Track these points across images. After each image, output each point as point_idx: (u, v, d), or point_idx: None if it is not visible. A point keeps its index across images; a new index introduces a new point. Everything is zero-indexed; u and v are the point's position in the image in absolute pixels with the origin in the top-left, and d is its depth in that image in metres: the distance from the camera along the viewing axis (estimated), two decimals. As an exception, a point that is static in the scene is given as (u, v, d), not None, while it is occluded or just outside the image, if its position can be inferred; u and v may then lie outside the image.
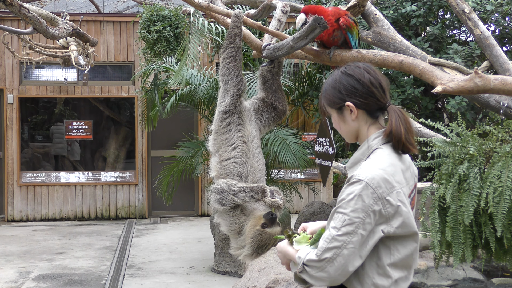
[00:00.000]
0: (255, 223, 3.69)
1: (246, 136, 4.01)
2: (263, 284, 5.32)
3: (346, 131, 2.90)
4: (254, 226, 3.69)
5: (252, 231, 3.68)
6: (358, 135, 2.88)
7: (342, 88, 2.83)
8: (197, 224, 13.71)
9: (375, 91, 2.79)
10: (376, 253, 2.70)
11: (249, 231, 3.71)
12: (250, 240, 3.69)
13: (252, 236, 3.68)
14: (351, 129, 2.87)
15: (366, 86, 2.80)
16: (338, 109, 2.87)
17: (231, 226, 3.82)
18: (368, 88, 2.79)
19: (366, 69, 2.84)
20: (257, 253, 3.70)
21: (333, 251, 2.62)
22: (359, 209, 2.62)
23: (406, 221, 2.69)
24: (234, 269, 9.24)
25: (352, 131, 2.88)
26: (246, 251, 3.74)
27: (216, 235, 9.42)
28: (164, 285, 8.81)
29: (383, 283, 2.70)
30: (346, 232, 2.61)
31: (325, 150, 5.28)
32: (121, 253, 10.86)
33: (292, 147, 9.00)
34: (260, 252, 3.71)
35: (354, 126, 2.86)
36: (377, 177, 2.65)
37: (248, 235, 3.70)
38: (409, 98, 8.19)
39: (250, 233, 3.70)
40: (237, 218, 3.79)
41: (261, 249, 3.68)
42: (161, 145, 14.68)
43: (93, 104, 14.84)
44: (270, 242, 3.67)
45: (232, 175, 3.90)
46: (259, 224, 3.67)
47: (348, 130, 2.88)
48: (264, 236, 3.65)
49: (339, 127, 2.92)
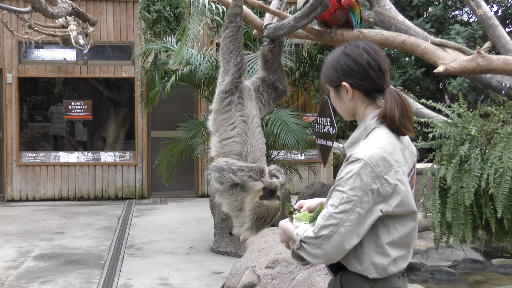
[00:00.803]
0: (254, 196, 3.72)
1: (246, 115, 4.01)
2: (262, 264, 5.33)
3: (343, 109, 2.90)
4: (253, 198, 3.72)
5: (251, 203, 3.71)
6: (355, 114, 2.88)
7: (339, 67, 2.82)
8: (197, 205, 13.73)
9: (371, 73, 2.77)
10: (374, 232, 2.71)
11: (248, 203, 3.74)
12: (249, 213, 3.71)
13: (251, 208, 3.70)
14: (347, 108, 2.87)
15: (362, 67, 2.78)
16: (335, 88, 2.87)
17: (232, 204, 3.84)
18: (365, 69, 2.78)
19: (366, 49, 2.81)
20: (257, 226, 3.72)
21: (330, 229, 2.62)
22: (357, 188, 2.62)
23: (404, 199, 2.69)
24: (233, 249, 9.26)
25: (348, 110, 2.88)
26: (246, 224, 3.76)
27: (216, 215, 9.44)
28: (164, 265, 8.84)
29: (382, 262, 2.71)
30: (344, 210, 2.62)
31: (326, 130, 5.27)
32: (121, 233, 10.88)
33: (292, 128, 8.98)
34: (260, 226, 3.72)
35: (350, 105, 2.86)
36: (375, 156, 2.65)
37: (248, 208, 3.73)
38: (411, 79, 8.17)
39: (249, 205, 3.72)
40: (237, 195, 3.80)
41: (260, 221, 3.70)
42: (161, 125, 14.67)
43: (92, 84, 14.81)
44: (268, 215, 3.69)
45: (232, 154, 3.90)
46: (258, 196, 3.69)
47: (345, 109, 2.89)
48: (262, 208, 3.67)
49: (336, 105, 2.93)
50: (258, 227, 3.74)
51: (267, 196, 3.69)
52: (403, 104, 2.75)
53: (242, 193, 3.80)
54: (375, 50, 2.82)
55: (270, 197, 3.69)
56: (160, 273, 8.41)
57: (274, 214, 3.72)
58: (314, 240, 2.66)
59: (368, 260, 2.71)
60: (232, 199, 3.85)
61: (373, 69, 2.78)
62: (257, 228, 3.74)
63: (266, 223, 3.74)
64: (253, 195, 3.74)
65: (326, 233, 2.63)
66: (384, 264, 2.71)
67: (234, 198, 3.84)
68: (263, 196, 3.69)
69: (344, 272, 2.80)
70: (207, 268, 8.70)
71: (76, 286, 7.82)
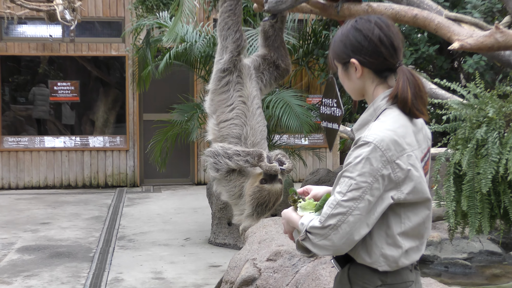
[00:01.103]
0: (254, 180, 3.72)
1: (246, 96, 4.00)
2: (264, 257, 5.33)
3: (351, 88, 2.88)
4: (253, 183, 3.72)
5: (251, 188, 3.71)
6: (364, 94, 2.86)
7: (349, 43, 2.80)
8: (193, 193, 13.74)
9: (383, 50, 2.75)
10: (385, 222, 2.70)
11: (248, 188, 3.74)
12: (249, 198, 3.71)
13: (251, 193, 3.70)
14: (355, 86, 2.86)
15: (373, 43, 2.76)
16: (343, 64, 2.85)
17: (231, 191, 3.84)
18: (376, 46, 2.76)
19: (378, 24, 2.79)
20: (258, 212, 3.73)
21: (337, 218, 2.61)
22: (367, 173, 2.61)
23: (417, 186, 2.68)
24: (232, 241, 9.28)
25: (357, 89, 2.86)
26: (246, 211, 3.76)
27: (214, 204, 9.45)
28: (158, 257, 8.86)
29: (393, 254, 2.70)
30: (352, 197, 2.61)
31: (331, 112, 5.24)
32: (111, 223, 10.90)
33: (295, 110, 8.97)
34: (261, 212, 3.73)
35: (359, 84, 2.84)
36: (386, 139, 2.63)
37: (248, 193, 3.73)
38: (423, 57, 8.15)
39: (249, 190, 3.72)
40: (235, 180, 3.81)
41: (261, 207, 3.71)
42: (153, 107, 14.66)
43: (80, 63, 14.78)
44: (270, 200, 3.69)
45: (231, 137, 3.90)
46: (258, 180, 3.69)
47: (353, 87, 2.87)
48: (263, 193, 3.67)
49: (343, 83, 2.91)
50: (260, 213, 3.75)
51: (268, 180, 3.69)
52: (417, 85, 2.74)
53: (240, 178, 3.80)
54: (388, 25, 2.80)
55: (271, 181, 3.69)
56: (154, 267, 8.43)
57: (276, 198, 3.72)
58: (320, 230, 2.65)
59: (378, 252, 2.70)
60: (230, 185, 3.85)
61: (384, 46, 2.76)
62: (258, 214, 3.75)
63: (267, 209, 3.75)
64: (253, 179, 3.74)
65: (334, 222, 2.62)
66: (395, 256, 2.71)
67: (232, 185, 3.84)
68: (264, 180, 3.69)
69: (352, 264, 2.79)
70: (204, 261, 8.71)
71: (63, 280, 7.83)
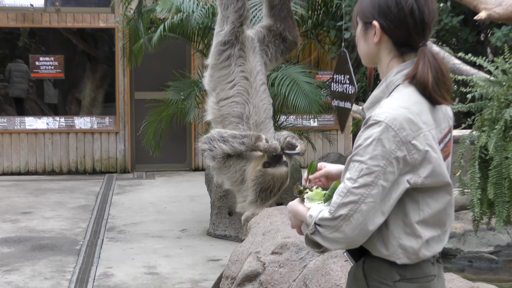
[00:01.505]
0: (256, 163, 3.73)
1: (249, 71, 4.00)
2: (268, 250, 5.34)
3: (364, 51, 2.88)
4: (255, 166, 3.73)
5: (254, 172, 3.71)
6: (378, 63, 2.86)
7: (377, 3, 2.79)
8: (190, 180, 13.76)
9: (410, 23, 2.74)
10: (402, 209, 2.70)
11: (250, 172, 3.74)
12: (252, 183, 3.72)
13: (253, 178, 3.71)
14: (369, 51, 2.85)
15: (402, 12, 2.74)
16: (364, 24, 2.84)
17: (232, 177, 3.85)
18: (404, 16, 2.74)
19: None
20: (261, 198, 3.74)
21: (349, 207, 2.61)
22: (379, 156, 2.60)
23: (436, 169, 2.68)
24: (233, 232, 9.29)
25: (371, 54, 2.86)
26: (249, 197, 3.77)
27: (213, 192, 9.45)
28: (151, 250, 8.88)
29: (412, 245, 2.70)
30: (364, 183, 2.60)
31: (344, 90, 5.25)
32: (99, 213, 10.92)
33: (304, 88, 8.95)
34: (265, 198, 3.74)
35: (374, 50, 2.84)
36: (399, 117, 2.62)
37: (250, 178, 3.73)
38: (446, 29, 8.12)
39: (251, 175, 3.73)
40: (235, 165, 3.81)
41: (265, 193, 3.71)
42: (146, 85, 14.65)
43: (64, 36, 14.75)
44: (275, 185, 3.70)
45: (231, 116, 3.90)
46: (261, 163, 3.69)
47: (367, 51, 2.87)
48: (266, 178, 3.67)
49: (358, 43, 2.90)
50: (264, 199, 3.75)
51: (271, 163, 3.69)
52: (439, 69, 2.71)
53: (240, 161, 3.81)
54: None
55: (275, 164, 3.69)
56: (146, 261, 8.45)
57: (282, 183, 3.73)
58: (331, 221, 2.64)
59: (396, 243, 2.70)
60: (231, 172, 3.86)
61: (413, 19, 2.74)
62: (262, 200, 3.75)
63: (272, 194, 3.75)
64: (255, 162, 3.74)
65: (345, 212, 2.61)
66: (415, 247, 2.70)
67: (232, 170, 3.85)
68: (267, 163, 3.69)
69: (367, 257, 2.79)
70: (202, 254, 8.73)
71: (46, 275, 7.86)
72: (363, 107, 2.98)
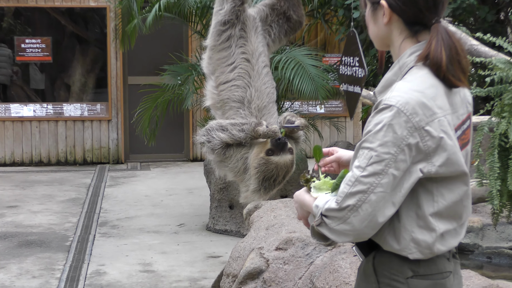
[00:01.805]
0: (259, 150, 3.74)
1: (250, 52, 4.00)
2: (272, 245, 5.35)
3: (374, 34, 2.89)
4: (258, 153, 3.74)
5: (256, 159, 3.72)
6: (390, 45, 2.86)
7: None
8: (188, 171, 13.77)
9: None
10: (415, 200, 2.70)
11: (253, 160, 3.75)
12: (255, 171, 3.73)
13: (256, 166, 3.72)
14: (380, 33, 2.86)
15: None
16: (372, 4, 2.85)
17: (235, 167, 3.86)
18: None
19: None
20: (265, 187, 3.75)
21: (357, 197, 2.61)
22: (390, 143, 2.60)
23: (452, 157, 2.68)
24: (235, 227, 9.30)
25: (381, 36, 2.86)
26: (251, 186, 3.78)
27: (212, 184, 9.46)
28: (146, 246, 8.89)
29: (425, 238, 2.70)
30: (374, 172, 2.61)
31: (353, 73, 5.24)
32: (91, 207, 10.93)
33: (309, 72, 8.94)
34: (268, 187, 3.75)
35: (384, 31, 2.84)
36: (412, 101, 2.62)
37: (252, 165, 3.75)
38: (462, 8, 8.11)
39: (254, 163, 3.74)
40: (236, 153, 3.83)
41: (268, 182, 3.72)
42: (141, 69, 14.64)
43: (52, 16, 14.74)
44: (279, 174, 3.71)
45: (232, 101, 3.91)
46: (264, 151, 3.70)
47: (377, 33, 2.87)
48: (269, 166, 3.68)
49: (368, 26, 2.91)
50: (267, 188, 3.77)
51: (275, 150, 3.70)
52: (453, 47, 2.71)
53: (241, 149, 3.81)
54: None
55: (279, 151, 3.70)
56: (142, 257, 8.46)
57: (286, 171, 3.73)
58: (338, 212, 2.65)
59: (408, 236, 2.70)
60: (232, 162, 3.87)
61: None
62: (265, 189, 3.77)
63: (276, 183, 3.76)
64: (257, 149, 3.75)
65: (353, 202, 2.62)
66: (429, 241, 2.70)
67: (234, 160, 3.86)
68: (270, 151, 3.70)
69: (377, 252, 2.79)
70: (201, 250, 8.74)
71: (34, 274, 7.87)
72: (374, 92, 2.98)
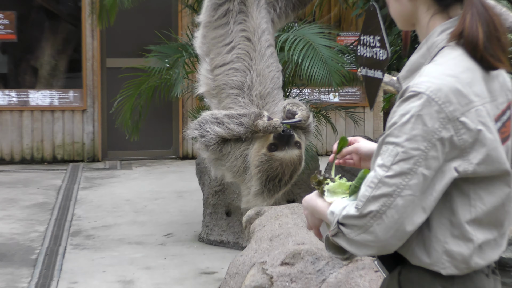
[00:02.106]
0: (260, 145, 3.74)
1: (251, 30, 4.00)
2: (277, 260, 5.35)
3: (397, 12, 2.90)
4: (259, 149, 3.74)
5: (257, 156, 3.73)
6: (415, 23, 2.87)
7: None
8: (177, 171, 13.80)
9: None
10: (448, 205, 2.70)
11: (253, 157, 3.76)
12: (257, 170, 3.73)
13: (257, 163, 3.72)
14: (403, 10, 2.87)
15: None
16: None
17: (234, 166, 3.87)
18: None
19: None
20: (269, 189, 3.75)
21: (381, 201, 2.61)
22: (419, 137, 2.60)
23: (491, 153, 2.68)
24: (232, 237, 9.30)
25: (405, 14, 2.87)
26: (253, 188, 3.78)
27: (206, 186, 9.47)
28: (127, 260, 8.89)
29: (461, 250, 2.70)
30: (400, 171, 2.60)
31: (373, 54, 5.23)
32: (61, 213, 10.94)
33: (321, 53, 8.95)
34: (273, 189, 3.75)
35: (408, 8, 2.85)
36: (445, 88, 2.62)
37: (253, 163, 3.75)
38: (503, -23, 8.12)
39: (254, 160, 3.74)
40: (234, 150, 3.84)
41: (272, 182, 3.73)
42: (121, 50, 14.67)
43: (16, -14, 14.79)
44: (284, 173, 3.71)
45: (229, 87, 3.91)
46: (266, 146, 3.70)
47: (400, 11, 2.89)
48: (273, 164, 3.69)
49: (389, 4, 2.92)
50: (271, 190, 3.77)
51: (279, 145, 3.69)
52: (491, 22, 2.72)
53: (240, 145, 3.82)
54: None
55: (283, 145, 3.70)
56: (122, 274, 8.48)
57: (293, 169, 3.73)
58: (358, 220, 2.64)
59: (440, 248, 2.70)
60: (231, 160, 3.88)
61: None
62: (269, 192, 3.77)
63: (282, 184, 3.77)
64: (259, 144, 3.76)
65: (376, 208, 2.61)
66: (465, 253, 2.70)
67: (232, 158, 3.87)
68: (273, 146, 3.70)
69: (404, 267, 2.80)
70: (193, 265, 8.76)
71: (-6, 293, 7.89)
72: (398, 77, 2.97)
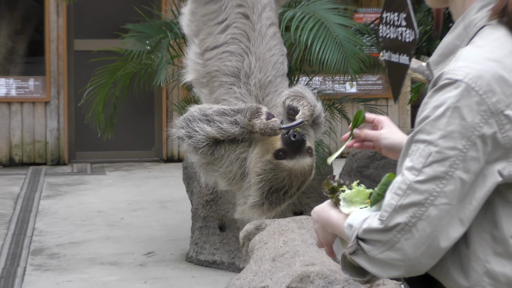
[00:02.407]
0: (265, 150, 3.73)
1: (250, 5, 4.00)
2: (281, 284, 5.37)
3: None
4: (262, 154, 3.73)
5: (260, 163, 3.72)
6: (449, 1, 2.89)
7: None
8: (160, 176, 13.83)
9: None
10: (490, 216, 2.69)
11: (254, 163, 3.75)
12: (258, 178, 3.72)
13: (259, 171, 3.72)
14: None
15: None
16: None
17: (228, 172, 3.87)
18: None
19: None
20: (271, 202, 3.75)
21: (410, 212, 2.60)
22: (456, 133, 2.59)
23: (542, 154, 2.68)
24: (227, 257, 9.31)
25: None
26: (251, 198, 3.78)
27: (195, 195, 9.48)
28: (99, 284, 8.91)
29: (505, 271, 2.69)
30: (434, 175, 2.59)
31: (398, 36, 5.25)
32: (20, 227, 10.96)
33: (335, 34, 8.97)
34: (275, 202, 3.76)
35: None
36: (486, 75, 2.62)
37: (254, 170, 3.74)
38: None
39: (256, 167, 3.73)
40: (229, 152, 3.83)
41: (275, 195, 3.73)
42: (92, 30, 14.71)
43: (-35, -47, 14.84)
44: (292, 185, 3.71)
45: (223, 75, 3.91)
46: (272, 151, 3.69)
47: None
48: (280, 174, 3.68)
49: None
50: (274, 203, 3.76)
51: (288, 152, 3.69)
52: None
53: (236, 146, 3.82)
54: None
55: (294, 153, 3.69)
56: (93, 300, 8.50)
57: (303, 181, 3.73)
58: (382, 234, 2.64)
59: (481, 268, 2.69)
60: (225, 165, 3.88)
61: None
62: (271, 204, 3.76)
63: (287, 196, 3.76)
64: (262, 148, 3.75)
65: (405, 220, 2.60)
66: (510, 274, 2.70)
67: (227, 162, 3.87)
68: (281, 152, 3.69)
69: (436, 291, 2.80)
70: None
71: None
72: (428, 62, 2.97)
